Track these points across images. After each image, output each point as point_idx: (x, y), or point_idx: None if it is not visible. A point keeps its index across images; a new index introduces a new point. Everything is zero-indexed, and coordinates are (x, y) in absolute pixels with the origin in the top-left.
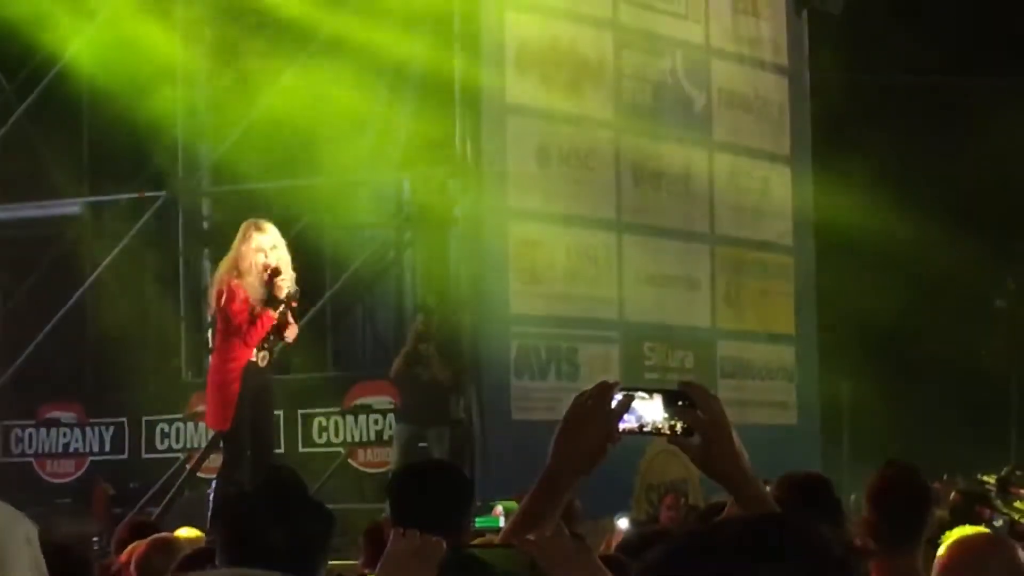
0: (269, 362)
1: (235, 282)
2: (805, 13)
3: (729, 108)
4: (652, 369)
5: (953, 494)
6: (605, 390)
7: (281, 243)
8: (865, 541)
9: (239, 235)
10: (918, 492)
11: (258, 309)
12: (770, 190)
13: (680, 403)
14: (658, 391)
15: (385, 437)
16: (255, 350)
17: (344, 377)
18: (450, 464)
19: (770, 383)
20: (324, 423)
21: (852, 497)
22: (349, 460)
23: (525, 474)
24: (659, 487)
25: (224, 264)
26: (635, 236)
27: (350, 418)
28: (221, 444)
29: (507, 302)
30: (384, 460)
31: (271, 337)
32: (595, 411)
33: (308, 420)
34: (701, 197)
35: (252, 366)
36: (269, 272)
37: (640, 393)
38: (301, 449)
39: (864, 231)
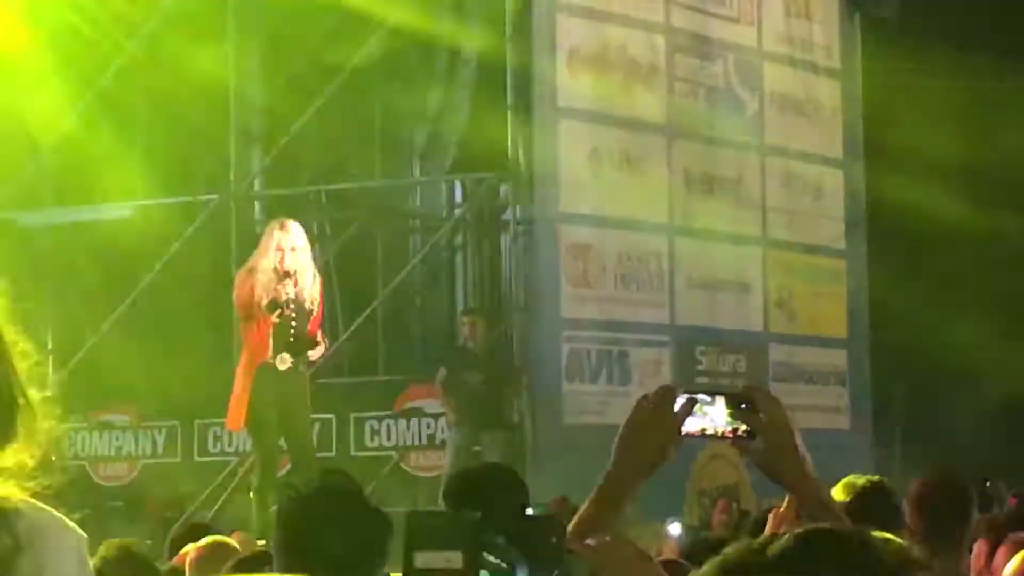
0: (295, 368)
1: (244, 277)
2: (858, 16)
3: (781, 111)
4: (703, 373)
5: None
6: (667, 393)
7: (304, 245)
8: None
9: (264, 232)
10: (959, 496)
11: (257, 311)
12: (822, 193)
13: (743, 406)
14: (720, 394)
15: (437, 441)
16: (273, 351)
17: (396, 381)
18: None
19: (822, 387)
20: (376, 427)
21: (905, 501)
22: (401, 464)
23: (577, 478)
24: (711, 492)
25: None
26: (687, 240)
27: (402, 421)
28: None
29: (558, 306)
30: (436, 464)
31: (291, 342)
32: (657, 415)
33: (359, 423)
34: (753, 200)
35: (269, 368)
36: (281, 273)
37: (702, 396)
38: (353, 453)
39: (917, 234)
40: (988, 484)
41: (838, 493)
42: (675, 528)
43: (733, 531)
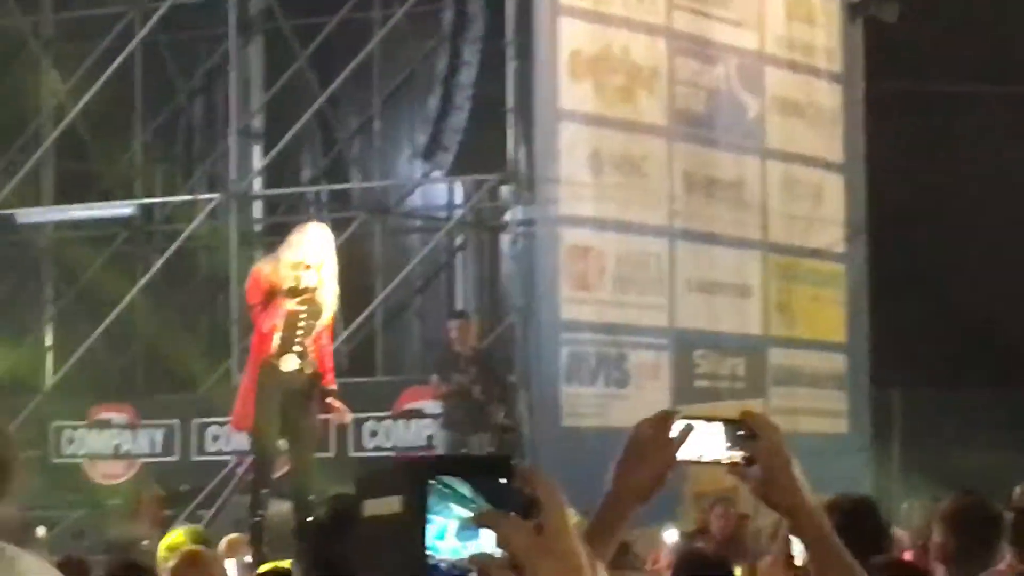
0: (301, 368)
1: (262, 266)
2: (860, 20)
3: (782, 115)
4: (702, 377)
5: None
6: (665, 419)
7: (331, 252)
8: (933, 564)
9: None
10: (991, 520)
11: (274, 296)
12: (823, 197)
13: (740, 432)
14: (718, 420)
15: (435, 443)
16: (277, 351)
17: (394, 382)
18: None
19: (821, 391)
20: (374, 428)
21: (904, 506)
22: None
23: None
24: (709, 496)
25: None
26: (687, 243)
27: (400, 423)
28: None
29: (558, 308)
30: None
31: (297, 339)
32: (656, 440)
33: (358, 424)
34: (753, 204)
35: (273, 367)
36: (304, 265)
37: (700, 422)
38: (351, 454)
39: (916, 240)
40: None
41: (825, 513)
42: (671, 535)
43: (731, 538)
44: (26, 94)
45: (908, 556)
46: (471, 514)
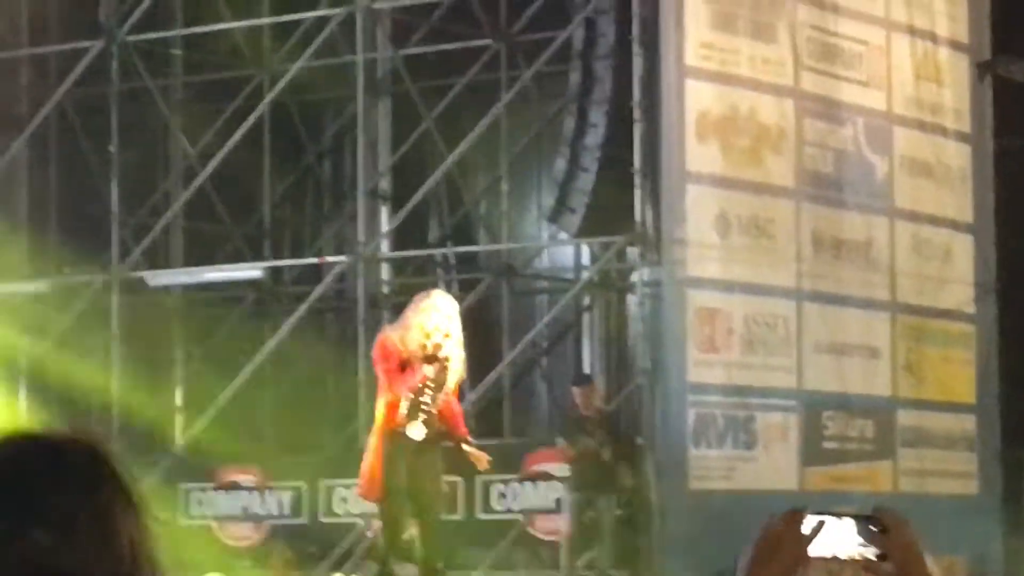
0: (429, 437)
1: (392, 332)
2: (989, 79)
3: (911, 175)
4: (831, 439)
5: None
6: (795, 516)
7: (458, 321)
8: None
9: (412, 302)
10: None
11: (412, 364)
12: (952, 258)
13: (872, 528)
14: (849, 515)
15: (562, 505)
16: (405, 418)
17: (523, 443)
18: None
19: (951, 452)
20: (503, 490)
21: None
22: (528, 528)
23: (703, 542)
24: None
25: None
26: (815, 304)
27: (529, 485)
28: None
29: (685, 370)
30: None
31: (424, 407)
32: (786, 537)
33: (486, 487)
34: (882, 264)
35: (399, 435)
36: (443, 332)
37: (831, 518)
38: (479, 516)
39: None
40: None
41: None
42: None
43: None
44: (156, 156)
45: None
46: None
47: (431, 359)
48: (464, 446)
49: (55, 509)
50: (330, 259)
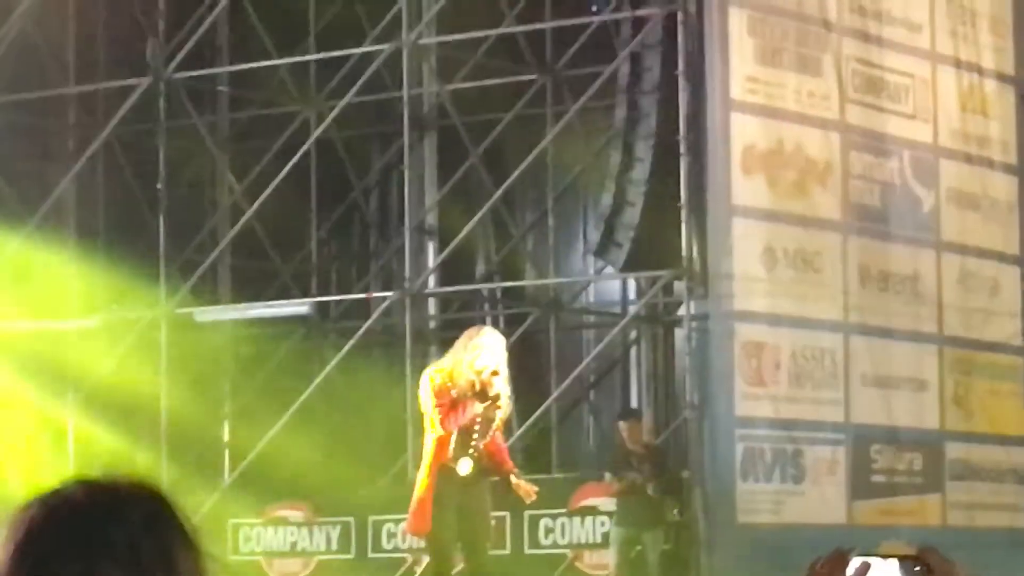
0: (475, 472)
1: (432, 372)
2: None
3: (957, 207)
4: (879, 472)
5: None
6: (841, 557)
7: (504, 357)
8: None
9: (460, 338)
10: None
11: (464, 400)
12: (1000, 290)
13: (917, 568)
14: (894, 556)
15: (610, 540)
16: (454, 454)
17: (570, 478)
18: None
19: (1000, 485)
20: (550, 525)
21: None
22: (576, 563)
23: None
24: None
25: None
26: (862, 337)
27: (576, 520)
28: (428, 550)
29: (733, 404)
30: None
31: (473, 443)
32: None
33: (534, 522)
34: (929, 297)
35: (450, 471)
36: (486, 372)
37: (876, 559)
38: (527, 551)
39: None
40: None
41: None
42: None
43: None
44: (203, 193)
45: None
46: None
47: (482, 397)
48: (512, 478)
49: (122, 548)
50: (377, 295)
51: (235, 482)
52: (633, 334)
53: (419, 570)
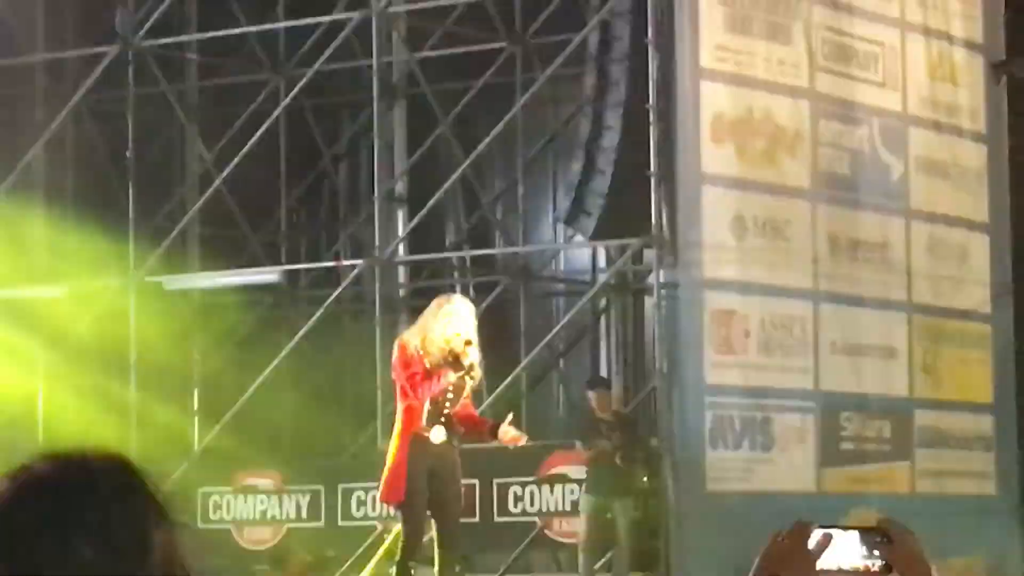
0: (449, 441)
1: (406, 339)
2: (1004, 79)
3: (926, 175)
4: (848, 439)
5: None
6: (802, 529)
7: (471, 317)
8: None
9: (430, 306)
10: None
11: (439, 369)
12: (968, 258)
13: (877, 539)
14: (854, 528)
15: (579, 508)
16: (427, 423)
17: (540, 446)
18: None
19: (968, 453)
20: (519, 493)
21: None
22: (545, 530)
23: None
24: None
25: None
26: (831, 305)
27: (545, 488)
28: (399, 518)
29: (702, 372)
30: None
31: (445, 412)
32: (793, 552)
33: (503, 490)
34: (898, 265)
35: (420, 439)
36: (458, 340)
37: (836, 531)
38: (496, 519)
39: None
40: None
41: None
42: None
43: None
44: (172, 161)
45: None
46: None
47: (456, 366)
48: (500, 431)
49: (94, 523)
50: (347, 263)
51: (204, 451)
52: (603, 302)
53: (389, 538)
